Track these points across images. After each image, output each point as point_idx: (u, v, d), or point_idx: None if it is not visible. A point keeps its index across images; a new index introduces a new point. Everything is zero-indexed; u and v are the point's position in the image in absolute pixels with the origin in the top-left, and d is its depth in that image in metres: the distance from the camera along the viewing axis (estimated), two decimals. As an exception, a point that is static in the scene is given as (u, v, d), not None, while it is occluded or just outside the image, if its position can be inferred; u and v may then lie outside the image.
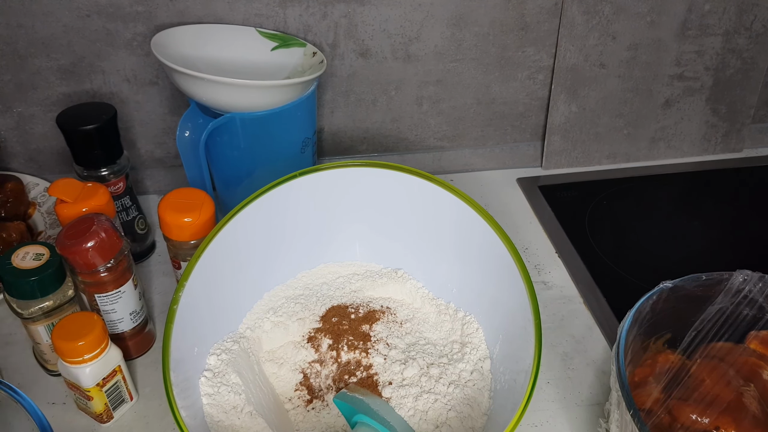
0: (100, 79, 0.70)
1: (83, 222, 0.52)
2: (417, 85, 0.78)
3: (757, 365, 0.50)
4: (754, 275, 0.50)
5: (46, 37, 0.66)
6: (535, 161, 0.87)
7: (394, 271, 0.63)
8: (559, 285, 0.69)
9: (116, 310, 0.55)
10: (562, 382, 0.59)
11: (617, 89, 0.81)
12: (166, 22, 0.67)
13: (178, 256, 0.59)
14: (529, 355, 0.46)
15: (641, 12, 0.76)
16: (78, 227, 0.51)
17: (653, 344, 0.52)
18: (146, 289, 0.66)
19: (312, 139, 0.70)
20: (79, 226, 0.51)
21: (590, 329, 0.64)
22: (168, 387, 0.44)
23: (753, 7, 0.79)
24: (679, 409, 0.47)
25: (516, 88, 0.81)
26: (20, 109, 0.70)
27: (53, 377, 0.57)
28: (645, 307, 0.49)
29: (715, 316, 0.51)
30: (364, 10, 0.71)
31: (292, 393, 0.54)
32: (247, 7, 0.68)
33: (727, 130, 0.88)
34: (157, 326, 0.62)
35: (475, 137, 0.85)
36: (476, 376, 0.54)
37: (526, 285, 0.49)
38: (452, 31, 0.74)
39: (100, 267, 0.52)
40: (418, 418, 0.51)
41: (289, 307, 0.59)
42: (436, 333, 0.59)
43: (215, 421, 0.48)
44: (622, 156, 0.87)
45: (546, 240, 0.75)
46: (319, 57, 0.68)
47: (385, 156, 0.83)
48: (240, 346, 0.54)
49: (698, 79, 0.83)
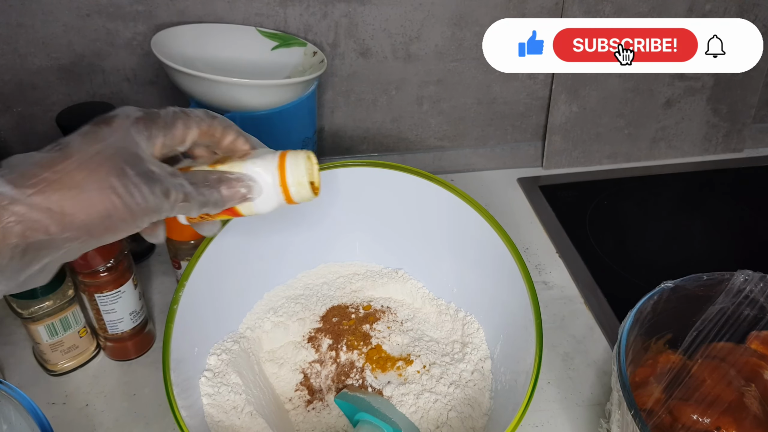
0: (100, 78, 0.70)
1: (83, 222, 0.51)
2: (417, 84, 0.78)
3: (758, 365, 0.50)
4: (755, 275, 0.50)
5: (46, 36, 0.66)
6: (536, 161, 0.87)
7: (395, 271, 0.63)
8: (560, 285, 0.69)
9: (116, 310, 0.55)
10: (562, 382, 0.59)
11: (618, 89, 0.81)
12: (167, 21, 0.67)
13: (178, 256, 0.59)
14: (529, 356, 0.46)
15: (642, 12, 0.76)
16: (78, 227, 0.51)
17: (654, 344, 0.52)
18: (146, 289, 0.66)
19: (312, 138, 0.70)
20: (79, 225, 0.51)
21: (591, 329, 0.64)
22: (168, 387, 0.44)
23: (753, 6, 0.79)
24: (680, 409, 0.47)
25: (517, 87, 0.81)
26: (20, 109, 0.70)
27: (53, 377, 0.57)
28: (646, 307, 0.49)
29: (716, 317, 0.51)
30: (365, 9, 0.71)
31: (292, 393, 0.54)
32: (247, 6, 0.68)
33: (728, 130, 0.88)
34: (157, 326, 0.62)
35: (476, 137, 0.85)
36: (477, 376, 0.53)
37: (527, 285, 0.49)
38: (453, 30, 0.74)
39: (100, 267, 0.52)
40: (419, 416, 0.51)
41: (289, 307, 0.59)
42: (437, 333, 0.58)
43: (215, 421, 0.48)
44: (622, 156, 0.87)
45: (547, 240, 0.75)
46: (320, 56, 0.68)
47: (385, 156, 0.83)
48: (240, 346, 0.54)
49: (699, 79, 0.83)
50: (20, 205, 0.30)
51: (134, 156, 0.34)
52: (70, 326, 0.55)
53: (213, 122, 0.39)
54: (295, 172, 0.40)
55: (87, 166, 0.32)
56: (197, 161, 0.40)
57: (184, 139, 0.38)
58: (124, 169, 0.33)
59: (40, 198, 0.31)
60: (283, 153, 0.40)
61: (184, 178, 0.36)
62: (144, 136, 0.35)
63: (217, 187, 0.38)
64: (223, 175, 0.38)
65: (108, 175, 0.33)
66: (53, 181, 0.31)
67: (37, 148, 0.35)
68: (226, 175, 0.38)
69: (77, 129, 0.34)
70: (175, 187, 0.35)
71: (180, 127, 0.37)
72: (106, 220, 0.33)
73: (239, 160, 0.39)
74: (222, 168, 0.39)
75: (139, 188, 0.33)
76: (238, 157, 0.40)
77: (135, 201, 0.33)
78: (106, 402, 0.55)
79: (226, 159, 0.40)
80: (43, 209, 0.31)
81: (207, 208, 0.38)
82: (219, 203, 0.38)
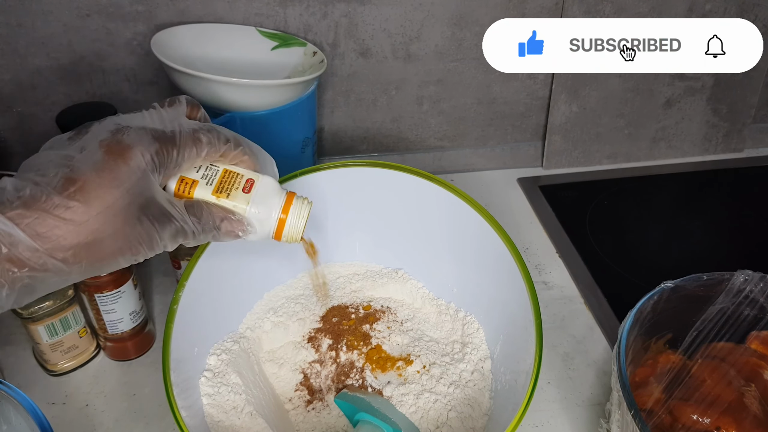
0: (100, 78, 0.70)
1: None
2: (417, 84, 0.78)
3: (758, 365, 0.50)
4: (755, 275, 0.50)
5: (46, 36, 0.66)
6: (536, 161, 0.87)
7: (395, 271, 0.63)
8: (560, 285, 0.69)
9: (116, 310, 0.55)
10: (562, 382, 0.59)
11: (618, 89, 0.81)
12: (167, 21, 0.67)
13: (178, 256, 0.59)
14: (529, 356, 0.46)
15: (642, 12, 0.76)
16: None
17: (654, 344, 0.52)
18: (146, 289, 0.66)
19: (312, 138, 0.70)
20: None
21: (591, 329, 0.64)
22: (168, 387, 0.44)
23: (754, 6, 0.79)
24: (680, 409, 0.47)
25: (517, 87, 0.81)
26: (20, 109, 0.70)
27: (53, 377, 0.57)
28: (646, 307, 0.49)
29: (716, 317, 0.51)
30: (365, 9, 0.71)
31: (292, 393, 0.54)
32: (247, 6, 0.68)
33: (728, 130, 0.88)
34: (157, 326, 0.62)
35: (476, 137, 0.85)
36: (477, 376, 0.53)
37: (527, 285, 0.49)
38: (453, 30, 0.74)
39: (100, 267, 0.52)
40: (419, 416, 0.51)
41: (289, 307, 0.59)
42: (437, 333, 0.58)
43: (215, 422, 0.48)
44: (622, 156, 0.87)
45: (546, 240, 0.75)
46: (320, 56, 0.68)
47: (385, 156, 0.83)
48: (240, 346, 0.54)
49: (699, 78, 0.83)
50: (39, 256, 0.31)
51: (151, 201, 0.35)
52: (70, 326, 0.55)
53: (224, 147, 0.39)
54: (295, 224, 0.41)
55: (105, 217, 0.33)
56: (200, 168, 0.40)
57: (193, 164, 0.38)
58: (140, 218, 0.34)
59: (58, 250, 0.32)
60: (289, 198, 0.41)
61: (189, 212, 0.37)
62: (157, 170, 0.35)
63: (218, 225, 0.38)
64: (225, 213, 0.39)
65: (125, 225, 0.33)
66: (70, 232, 0.32)
67: (37, 148, 0.35)
68: (227, 215, 0.39)
69: (84, 137, 0.34)
70: (184, 228, 0.36)
71: (192, 156, 0.37)
72: (113, 261, 0.34)
73: (243, 197, 0.39)
74: (225, 203, 0.39)
75: (150, 234, 0.34)
76: (243, 189, 0.40)
77: (143, 247, 0.34)
78: (106, 402, 0.55)
79: (230, 186, 0.39)
80: (61, 259, 0.32)
81: (201, 240, 0.38)
82: (214, 238, 0.39)
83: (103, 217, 0.32)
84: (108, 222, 0.33)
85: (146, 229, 0.34)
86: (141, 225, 0.34)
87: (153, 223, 0.34)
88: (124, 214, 0.33)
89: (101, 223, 0.32)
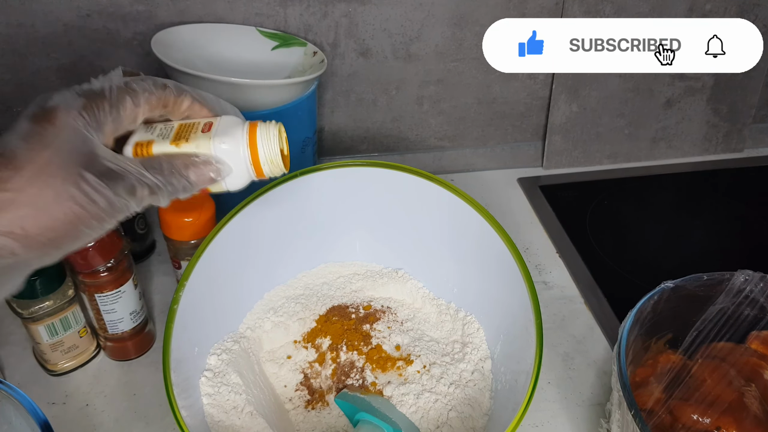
0: (100, 78, 0.70)
1: (83, 222, 0.51)
2: (418, 84, 0.78)
3: (759, 365, 0.50)
4: (756, 275, 0.50)
5: (46, 36, 0.66)
6: (536, 161, 0.87)
7: (395, 271, 0.63)
8: (560, 285, 0.69)
9: (116, 310, 0.55)
10: (563, 382, 0.59)
11: (618, 89, 0.81)
12: (167, 21, 0.67)
13: (178, 256, 0.59)
14: (530, 356, 0.46)
15: (642, 12, 0.76)
16: (78, 227, 0.51)
17: (654, 344, 0.52)
18: (146, 289, 0.66)
19: (312, 138, 0.70)
20: (79, 225, 0.51)
21: (591, 329, 0.64)
22: (168, 387, 0.44)
23: (754, 6, 0.79)
24: (680, 409, 0.47)
25: (517, 87, 0.81)
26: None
27: (53, 377, 0.57)
28: (646, 307, 0.49)
29: (717, 316, 0.51)
30: (365, 9, 0.71)
31: (292, 393, 0.54)
32: (247, 6, 0.68)
33: (728, 130, 0.88)
34: (157, 326, 0.62)
35: (476, 137, 0.85)
36: (477, 376, 0.53)
37: (527, 285, 0.49)
38: (453, 30, 0.74)
39: (100, 267, 0.52)
40: (419, 416, 0.51)
41: (289, 307, 0.59)
42: (437, 333, 0.58)
43: (215, 421, 0.48)
44: (623, 156, 0.87)
45: (547, 240, 0.75)
46: (320, 56, 0.68)
47: (385, 156, 0.83)
48: (240, 346, 0.54)
49: (699, 78, 0.83)
50: None
51: (89, 156, 0.32)
52: (70, 326, 0.55)
53: (163, 93, 0.36)
54: (267, 149, 0.37)
55: (40, 179, 0.30)
56: (154, 129, 0.38)
57: (135, 118, 0.36)
58: (81, 174, 0.31)
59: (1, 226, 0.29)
60: (252, 126, 0.38)
61: (147, 168, 0.34)
62: (92, 126, 0.33)
63: (185, 174, 0.36)
64: (189, 159, 0.36)
65: (65, 183, 0.31)
66: (8, 201, 0.30)
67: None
68: (192, 159, 0.36)
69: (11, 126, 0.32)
70: (140, 182, 0.33)
71: (128, 106, 0.35)
72: (71, 231, 0.31)
73: (204, 136, 0.37)
74: (186, 148, 0.36)
75: (102, 192, 0.32)
76: (202, 129, 0.37)
77: (99, 206, 0.32)
78: (106, 402, 0.55)
79: (188, 131, 0.37)
80: (4, 233, 0.30)
81: (176, 196, 0.36)
82: (188, 190, 0.36)
83: (39, 179, 0.30)
84: (46, 185, 0.30)
85: (94, 187, 0.31)
86: (86, 183, 0.31)
87: (100, 179, 0.32)
88: (62, 174, 0.31)
89: (39, 186, 0.30)
